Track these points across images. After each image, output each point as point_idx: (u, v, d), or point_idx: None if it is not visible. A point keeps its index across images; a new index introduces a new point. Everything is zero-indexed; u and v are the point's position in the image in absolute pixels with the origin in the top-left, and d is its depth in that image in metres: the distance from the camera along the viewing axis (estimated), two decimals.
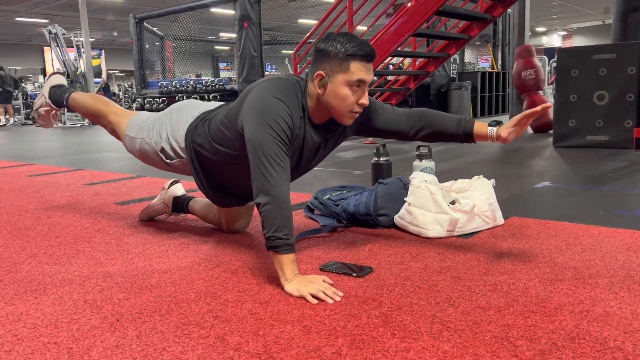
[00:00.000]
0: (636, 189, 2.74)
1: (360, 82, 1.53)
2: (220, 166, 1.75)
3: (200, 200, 2.19)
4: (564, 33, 28.22)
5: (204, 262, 1.70)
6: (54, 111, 2.20)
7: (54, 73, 2.27)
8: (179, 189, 2.26)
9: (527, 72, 6.08)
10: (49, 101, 2.15)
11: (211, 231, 2.10)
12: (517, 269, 1.56)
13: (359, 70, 1.51)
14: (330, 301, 1.33)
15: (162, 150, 1.88)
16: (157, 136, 1.89)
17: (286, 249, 1.44)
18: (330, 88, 1.53)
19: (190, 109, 1.87)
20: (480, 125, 1.65)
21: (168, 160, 1.89)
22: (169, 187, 2.26)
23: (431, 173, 2.38)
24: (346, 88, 1.52)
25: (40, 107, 2.22)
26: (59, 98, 2.14)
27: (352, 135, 1.80)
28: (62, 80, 2.23)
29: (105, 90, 18.90)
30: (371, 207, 2.06)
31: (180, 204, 2.22)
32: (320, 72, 1.53)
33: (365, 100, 1.56)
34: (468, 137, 1.68)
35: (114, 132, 2.11)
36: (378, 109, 1.76)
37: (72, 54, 11.97)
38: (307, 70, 1.62)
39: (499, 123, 1.62)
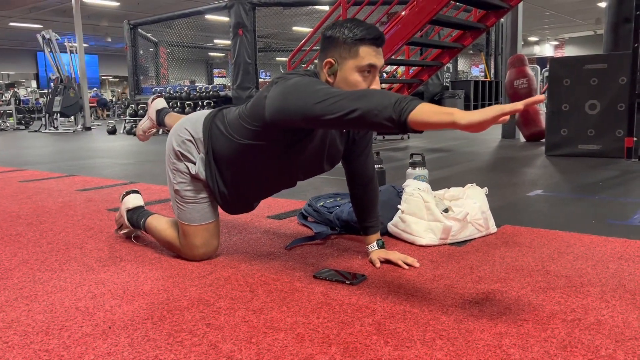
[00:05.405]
0: (627, 197, 2.76)
1: (370, 67, 1.49)
2: (237, 159, 1.64)
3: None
4: (556, 43, 28.50)
5: (197, 269, 1.70)
6: (134, 233, 2.07)
7: (129, 192, 2.09)
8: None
9: (520, 81, 6.13)
10: (127, 223, 2.03)
11: None
12: (509, 277, 1.56)
13: (369, 55, 1.48)
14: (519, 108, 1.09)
15: (181, 155, 1.74)
16: (175, 161, 1.77)
17: (416, 101, 1.23)
18: (341, 75, 1.50)
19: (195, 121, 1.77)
20: (371, 238, 1.78)
21: (191, 166, 1.73)
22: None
23: (424, 181, 2.39)
24: (357, 74, 1.49)
25: (121, 228, 2.10)
26: (135, 222, 1.99)
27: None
28: (138, 201, 2.07)
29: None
30: None
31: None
32: (329, 59, 1.51)
33: (377, 85, 1.50)
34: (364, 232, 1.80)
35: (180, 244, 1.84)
36: (367, 148, 1.76)
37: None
38: (310, 67, 1.58)
39: (381, 246, 1.76)
